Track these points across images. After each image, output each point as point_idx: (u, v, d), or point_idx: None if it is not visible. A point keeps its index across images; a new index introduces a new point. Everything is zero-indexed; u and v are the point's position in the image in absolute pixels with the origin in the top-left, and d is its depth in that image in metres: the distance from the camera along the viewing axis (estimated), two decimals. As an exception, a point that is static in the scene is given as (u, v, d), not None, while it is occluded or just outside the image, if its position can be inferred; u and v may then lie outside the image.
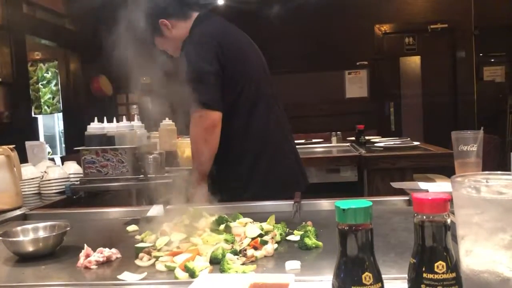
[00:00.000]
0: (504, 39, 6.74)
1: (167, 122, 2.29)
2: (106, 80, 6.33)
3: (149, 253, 1.14)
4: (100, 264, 1.13)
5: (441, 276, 0.72)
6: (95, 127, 2.14)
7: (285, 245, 1.22)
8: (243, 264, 1.06)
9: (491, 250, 0.61)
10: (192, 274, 0.98)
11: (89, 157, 2.09)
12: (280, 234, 1.25)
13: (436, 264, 0.72)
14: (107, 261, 1.14)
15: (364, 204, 0.71)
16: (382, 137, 4.66)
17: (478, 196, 0.63)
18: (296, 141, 4.75)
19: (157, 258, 1.12)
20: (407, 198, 1.63)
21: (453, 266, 0.72)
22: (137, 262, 1.12)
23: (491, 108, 6.60)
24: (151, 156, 2.06)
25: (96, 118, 2.18)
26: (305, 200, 1.66)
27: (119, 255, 1.18)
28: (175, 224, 1.34)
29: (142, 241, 1.29)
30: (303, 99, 6.39)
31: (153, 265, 1.09)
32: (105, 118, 2.21)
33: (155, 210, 1.56)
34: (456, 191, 0.64)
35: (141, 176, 2.05)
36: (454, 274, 0.72)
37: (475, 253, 0.63)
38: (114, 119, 2.19)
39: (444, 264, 0.72)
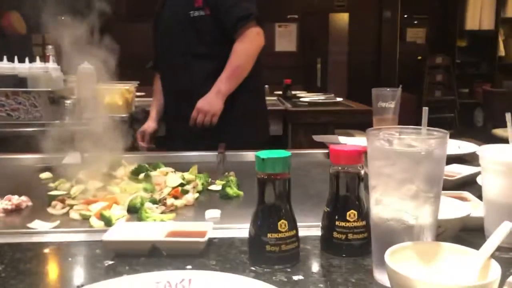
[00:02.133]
0: (428, 2, 7.01)
1: (86, 65, 2.16)
2: (18, 17, 5.83)
3: (62, 201, 1.10)
4: (8, 212, 1.07)
5: (352, 224, 0.76)
6: (4, 66, 1.98)
7: (207, 194, 1.23)
8: (162, 213, 1.05)
9: (398, 199, 0.65)
10: (108, 222, 0.96)
11: (-2, 99, 1.94)
12: (202, 184, 1.25)
13: (348, 213, 0.76)
14: (17, 209, 1.09)
15: (283, 154, 0.73)
16: (308, 92, 4.75)
17: (390, 148, 0.65)
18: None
19: (71, 206, 1.08)
20: (327, 151, 1.69)
21: (364, 214, 0.76)
22: (50, 210, 1.08)
23: (411, 69, 6.92)
24: (67, 101, 1.95)
25: (5, 57, 2.02)
26: (229, 151, 1.66)
27: (30, 203, 1.13)
28: (91, 172, 1.29)
29: (55, 189, 1.24)
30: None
31: (67, 213, 1.06)
32: (15, 57, 2.05)
33: (71, 158, 1.50)
34: (371, 143, 0.67)
35: (56, 121, 1.94)
36: (364, 222, 0.76)
37: (384, 202, 0.66)
38: (27, 59, 2.04)
39: (355, 213, 0.76)
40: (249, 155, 1.67)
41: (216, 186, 1.27)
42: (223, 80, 1.88)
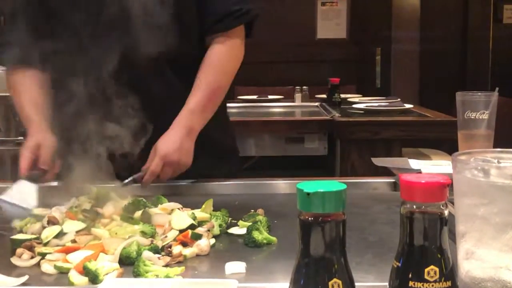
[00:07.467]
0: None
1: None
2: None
3: (31, 249, 1.13)
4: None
5: (433, 286, 0.76)
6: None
7: (226, 240, 1.25)
8: (166, 265, 1.07)
9: (497, 252, 0.65)
10: (93, 278, 0.98)
11: None
12: (220, 226, 1.27)
13: (426, 270, 0.76)
14: (-31, 259, 1.13)
15: (335, 187, 0.74)
16: (363, 96, 4.75)
17: (486, 181, 0.66)
18: (245, 98, 4.73)
19: (43, 255, 1.11)
20: (392, 180, 1.69)
21: (449, 272, 0.76)
22: (14, 260, 1.11)
23: (510, 62, 6.79)
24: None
25: None
26: (254, 179, 1.68)
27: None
28: (69, 209, 1.33)
29: (21, 231, 1.27)
30: (254, 38, 6.35)
31: (38, 265, 1.09)
32: None
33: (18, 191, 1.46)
34: (458, 174, 0.68)
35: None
36: (449, 283, 0.76)
37: (478, 255, 0.66)
38: None
39: (437, 269, 0.76)
40: (281, 185, 1.69)
41: (239, 229, 1.29)
42: (196, 110, 1.70)
